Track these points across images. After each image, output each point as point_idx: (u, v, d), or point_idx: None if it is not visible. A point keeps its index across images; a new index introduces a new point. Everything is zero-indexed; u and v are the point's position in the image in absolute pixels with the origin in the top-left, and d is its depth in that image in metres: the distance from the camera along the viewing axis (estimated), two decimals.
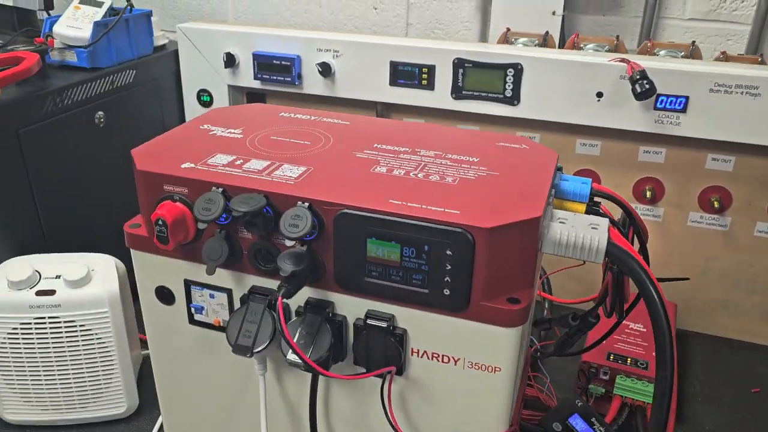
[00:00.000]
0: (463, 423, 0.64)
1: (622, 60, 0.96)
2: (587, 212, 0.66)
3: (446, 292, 0.57)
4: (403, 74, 1.08)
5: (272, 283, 0.64)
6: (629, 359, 0.93)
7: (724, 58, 1.07)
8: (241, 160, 0.66)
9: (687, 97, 0.95)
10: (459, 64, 1.04)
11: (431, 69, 1.06)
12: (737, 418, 0.97)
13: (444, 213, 0.56)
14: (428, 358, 0.62)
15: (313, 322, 0.62)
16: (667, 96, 0.96)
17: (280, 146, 0.70)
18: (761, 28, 1.19)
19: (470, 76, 1.05)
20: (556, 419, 0.80)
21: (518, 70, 1.01)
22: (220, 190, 0.61)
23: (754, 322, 1.10)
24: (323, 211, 0.59)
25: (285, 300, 0.59)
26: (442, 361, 0.62)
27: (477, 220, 0.55)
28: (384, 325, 0.61)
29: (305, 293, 0.63)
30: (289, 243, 0.58)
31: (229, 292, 0.67)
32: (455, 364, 0.62)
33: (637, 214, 0.68)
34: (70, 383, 0.92)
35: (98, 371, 0.92)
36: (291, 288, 0.58)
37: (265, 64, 1.14)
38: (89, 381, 0.92)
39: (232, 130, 0.74)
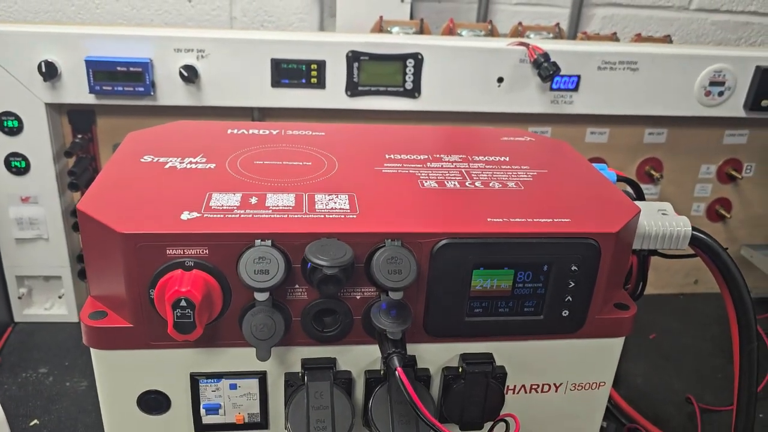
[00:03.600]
0: None
1: (522, 44, 0.95)
2: None
3: (564, 313, 0.49)
4: (288, 73, 0.93)
5: (322, 352, 0.49)
6: None
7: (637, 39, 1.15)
8: (255, 198, 0.48)
9: (579, 76, 0.99)
10: (353, 57, 0.93)
11: (321, 65, 0.94)
12: (654, 365, 1.05)
13: (559, 224, 0.48)
14: (525, 392, 0.54)
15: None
16: (562, 76, 0.98)
17: (279, 173, 0.53)
18: (579, 10, 1.30)
19: (366, 69, 0.95)
20: None
21: (418, 60, 0.95)
22: (269, 242, 0.44)
23: None
24: (416, 245, 0.46)
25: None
26: (541, 391, 0.54)
27: (599, 226, 0.48)
28: (485, 369, 0.50)
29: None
30: (393, 294, 0.44)
31: (262, 376, 0.49)
32: (556, 391, 0.54)
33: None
34: None
35: None
36: (404, 351, 0.45)
37: (104, 72, 0.89)
38: None
39: (192, 159, 0.55)
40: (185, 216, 0.45)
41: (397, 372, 0.43)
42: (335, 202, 0.49)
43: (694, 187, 1.15)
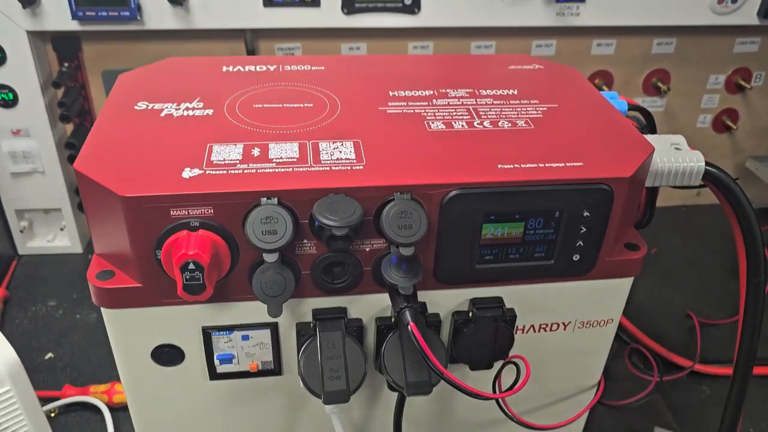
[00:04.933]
0: (563, 380, 0.59)
1: None
2: None
3: (575, 257, 0.49)
4: None
5: (332, 302, 0.49)
6: None
7: None
8: (258, 149, 0.47)
9: None
10: None
11: None
12: (655, 280, 1.06)
13: (571, 169, 0.46)
14: (534, 331, 0.54)
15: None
16: None
17: (280, 117, 0.51)
18: None
19: None
20: None
21: None
22: (275, 200, 0.43)
23: None
24: (425, 197, 0.45)
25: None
26: (550, 330, 0.55)
27: (613, 170, 0.46)
28: (495, 313, 0.51)
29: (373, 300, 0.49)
30: (404, 250, 0.43)
31: (273, 327, 0.49)
32: (564, 329, 0.55)
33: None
34: None
35: None
36: (416, 305, 0.44)
37: None
38: None
39: (189, 105, 0.52)
40: (187, 173, 0.44)
41: (409, 327, 0.43)
42: (341, 151, 0.47)
43: (702, 99, 1.12)
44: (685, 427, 0.81)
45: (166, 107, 0.52)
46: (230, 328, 0.49)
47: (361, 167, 0.45)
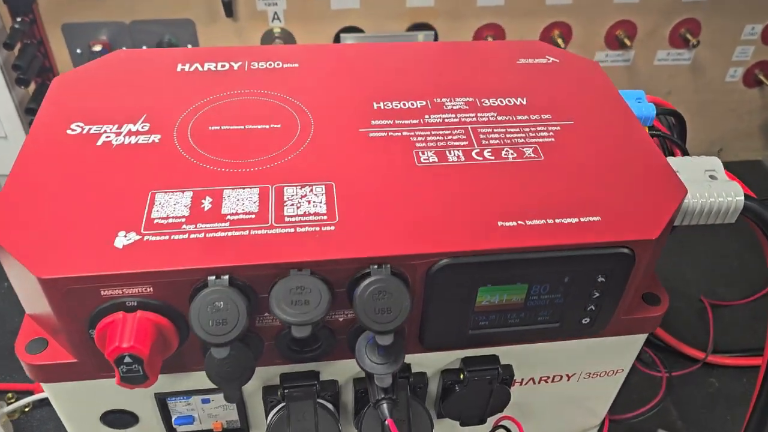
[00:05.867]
0: (563, 422, 0.54)
1: None
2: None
3: (585, 321, 0.42)
4: None
5: (304, 365, 0.43)
6: None
7: None
8: (209, 199, 0.39)
9: None
10: None
11: None
12: (667, 251, 0.99)
13: (586, 227, 0.38)
14: (534, 383, 0.48)
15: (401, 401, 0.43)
16: None
17: (240, 145, 0.43)
18: None
19: None
20: None
21: None
22: (226, 279, 0.35)
23: None
24: (409, 267, 0.37)
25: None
26: (552, 381, 0.49)
27: (636, 229, 0.39)
28: (490, 375, 0.44)
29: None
30: (381, 339, 0.36)
31: None
32: (568, 380, 0.49)
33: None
34: None
35: None
36: (395, 396, 0.38)
37: None
38: None
39: (132, 127, 0.44)
40: (121, 241, 0.36)
41: (386, 422, 0.37)
42: (309, 201, 0.39)
43: (734, 51, 1.00)
44: (691, 427, 0.77)
45: (105, 131, 0.43)
46: (189, 393, 0.43)
47: (333, 227, 0.37)
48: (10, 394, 0.76)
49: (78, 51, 0.86)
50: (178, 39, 0.86)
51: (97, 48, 0.85)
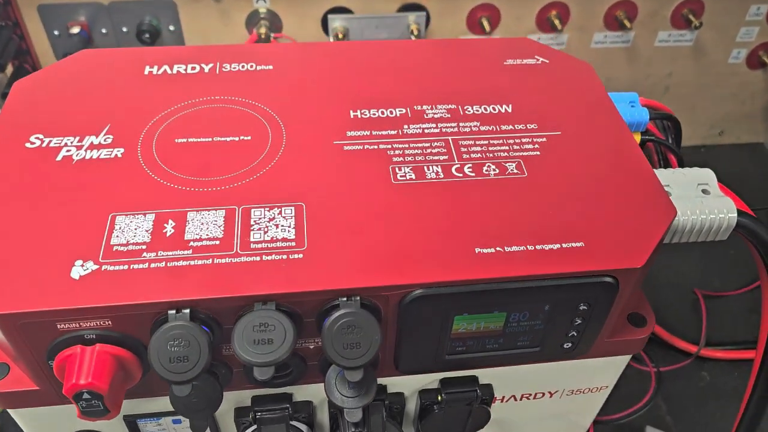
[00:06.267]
0: None
1: None
2: (642, 143, 0.51)
3: (566, 345, 0.41)
4: None
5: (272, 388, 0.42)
6: None
7: None
8: (172, 223, 0.37)
9: None
10: None
11: None
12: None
13: (569, 253, 0.37)
14: (515, 400, 0.47)
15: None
16: None
17: (207, 160, 0.41)
18: None
19: None
20: None
21: None
22: (187, 310, 0.34)
23: None
24: (379, 298, 0.36)
25: None
26: (533, 398, 0.47)
27: (621, 257, 0.37)
28: (469, 396, 0.43)
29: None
30: (350, 375, 0.35)
31: None
32: (550, 397, 0.47)
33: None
34: None
35: None
36: (365, 430, 0.37)
37: None
38: None
39: (94, 140, 0.41)
40: (78, 271, 0.34)
41: None
42: (277, 225, 0.37)
43: (738, 32, 0.97)
44: (680, 423, 0.77)
45: (66, 144, 0.41)
46: (159, 415, 0.42)
47: (301, 255, 0.36)
48: None
49: (56, 33, 0.83)
50: (159, 21, 0.83)
51: (75, 30, 0.82)
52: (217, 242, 0.36)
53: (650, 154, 0.53)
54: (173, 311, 0.33)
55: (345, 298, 0.35)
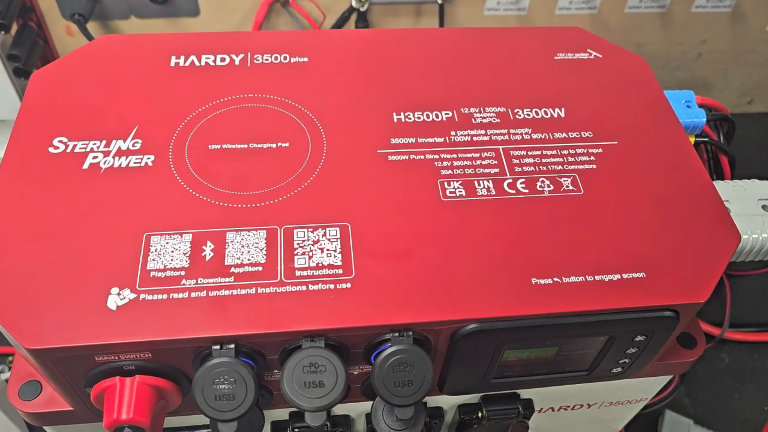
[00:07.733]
0: None
1: None
2: (695, 145, 0.48)
3: (616, 370, 0.39)
4: None
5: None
6: None
7: None
8: (211, 246, 0.35)
9: None
10: None
11: None
12: None
13: (629, 285, 0.35)
14: (553, 411, 0.46)
15: None
16: None
17: (243, 171, 0.38)
18: None
19: None
20: None
21: None
22: (232, 346, 0.32)
23: None
24: (431, 333, 0.34)
25: None
26: (572, 409, 0.47)
27: (684, 290, 0.35)
28: (510, 414, 0.42)
29: None
30: (400, 412, 0.34)
31: None
32: (588, 408, 0.47)
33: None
34: None
35: None
36: None
37: None
38: None
39: (122, 144, 0.39)
40: (114, 301, 0.32)
41: None
42: (322, 250, 0.35)
43: None
44: (698, 404, 0.77)
45: (92, 149, 0.38)
46: (194, 428, 0.41)
47: (349, 284, 0.34)
48: (11, 358, 0.75)
49: None
50: None
51: None
52: (260, 268, 0.34)
53: (700, 153, 0.51)
54: (217, 347, 0.32)
55: (396, 333, 0.33)
